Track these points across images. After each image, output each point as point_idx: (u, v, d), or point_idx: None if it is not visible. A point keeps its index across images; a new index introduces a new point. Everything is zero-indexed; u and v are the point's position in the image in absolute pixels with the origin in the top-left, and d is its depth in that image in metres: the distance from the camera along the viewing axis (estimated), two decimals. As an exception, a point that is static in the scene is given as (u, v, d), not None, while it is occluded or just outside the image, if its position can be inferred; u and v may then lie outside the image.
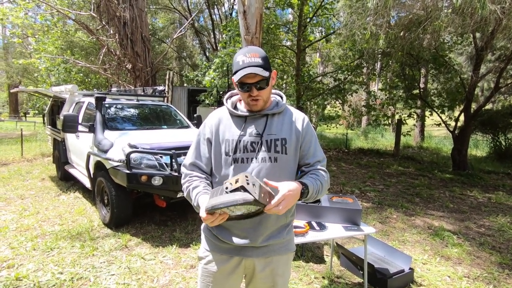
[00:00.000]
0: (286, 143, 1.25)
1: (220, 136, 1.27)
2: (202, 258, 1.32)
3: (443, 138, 14.82)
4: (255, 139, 1.24)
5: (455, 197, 5.49)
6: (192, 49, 22.35)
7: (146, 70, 9.45)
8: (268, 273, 1.29)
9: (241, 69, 1.18)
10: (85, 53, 14.07)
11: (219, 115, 1.32)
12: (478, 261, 3.08)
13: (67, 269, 2.71)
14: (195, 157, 1.31)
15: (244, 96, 1.24)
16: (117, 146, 3.57)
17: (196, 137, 1.34)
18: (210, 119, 1.32)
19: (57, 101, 6.30)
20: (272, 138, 1.25)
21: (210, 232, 1.31)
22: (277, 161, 1.24)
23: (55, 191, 5.12)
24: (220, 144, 1.26)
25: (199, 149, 1.31)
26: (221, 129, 1.28)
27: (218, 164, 1.27)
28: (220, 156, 1.26)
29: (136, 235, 3.48)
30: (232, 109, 1.30)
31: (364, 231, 2.14)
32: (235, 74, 1.19)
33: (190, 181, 1.27)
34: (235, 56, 1.22)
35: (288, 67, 11.72)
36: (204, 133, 1.31)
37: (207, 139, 1.29)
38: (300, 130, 1.29)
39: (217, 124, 1.29)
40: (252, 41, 5.81)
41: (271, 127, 1.27)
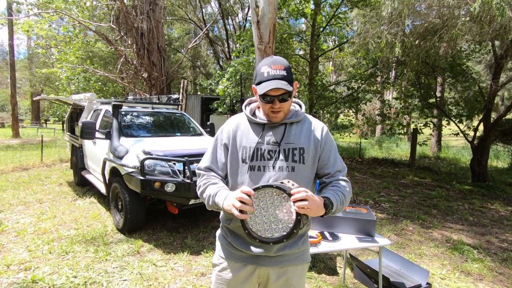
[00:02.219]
0: (304, 153, 1.24)
1: (237, 142, 1.26)
2: (216, 265, 1.31)
3: (461, 148, 14.37)
4: (272, 147, 1.23)
5: (475, 210, 5.28)
6: (206, 58, 22.79)
7: (162, 79, 9.68)
8: (282, 283, 1.26)
9: (266, 81, 1.17)
10: (104, 62, 14.59)
11: (237, 121, 1.31)
12: (501, 277, 2.93)
13: (81, 273, 2.75)
14: (211, 161, 1.31)
15: (266, 108, 1.23)
16: (132, 153, 3.65)
17: (213, 142, 1.33)
18: (228, 125, 1.31)
19: (76, 108, 6.52)
20: (290, 147, 1.24)
21: (225, 240, 1.30)
22: (294, 171, 1.22)
23: (71, 196, 5.25)
24: (238, 151, 1.25)
25: (215, 153, 1.31)
26: (238, 135, 1.27)
27: (234, 171, 1.26)
28: (237, 163, 1.25)
29: (148, 241, 3.51)
30: (251, 115, 1.29)
31: (379, 242, 2.08)
32: (259, 85, 1.19)
33: (208, 178, 1.27)
34: (259, 65, 1.21)
35: (301, 76, 11.74)
36: (222, 138, 1.30)
37: (224, 144, 1.28)
38: (319, 139, 1.28)
39: (235, 130, 1.28)
40: (266, 50, 5.87)
41: (289, 136, 1.25)
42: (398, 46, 3.89)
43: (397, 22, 4.31)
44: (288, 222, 1.12)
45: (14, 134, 16.85)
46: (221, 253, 1.31)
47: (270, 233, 1.13)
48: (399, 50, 3.90)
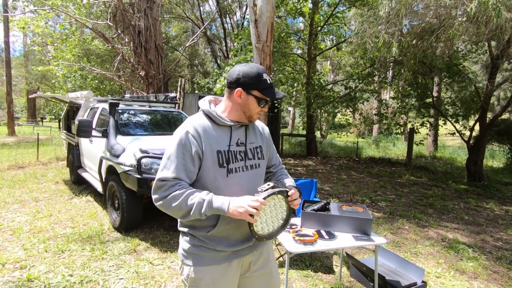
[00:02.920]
0: (262, 150, 1.39)
1: (209, 148, 1.22)
2: (199, 278, 1.25)
3: (457, 148, 14.47)
4: (240, 148, 1.30)
5: (470, 209, 5.32)
6: (204, 57, 22.74)
7: (159, 77, 9.64)
8: (261, 262, 1.37)
9: (270, 88, 1.26)
10: (101, 60, 14.50)
11: (200, 125, 1.24)
12: (495, 276, 2.96)
13: (77, 272, 2.74)
14: (178, 171, 1.18)
15: (256, 110, 1.28)
16: (129, 151, 3.64)
17: (177, 149, 1.19)
18: (193, 130, 1.21)
19: (72, 106, 6.48)
20: (253, 146, 1.35)
21: (204, 248, 1.26)
22: (259, 167, 1.36)
23: (68, 194, 5.22)
24: (211, 156, 1.22)
25: (182, 162, 1.19)
26: (208, 140, 1.22)
27: (210, 176, 1.23)
28: (213, 168, 1.23)
29: (145, 240, 3.50)
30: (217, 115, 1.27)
31: (375, 241, 2.09)
32: (265, 91, 1.24)
33: (182, 187, 1.18)
34: (255, 70, 1.24)
35: (299, 75, 11.75)
36: (190, 145, 1.20)
37: (195, 152, 1.20)
38: (267, 137, 1.45)
39: (202, 135, 1.22)
40: (263, 49, 5.87)
41: (250, 136, 1.35)
42: (395, 46, 3.91)
43: (395, 21, 4.33)
44: (282, 217, 1.30)
45: (10, 132, 16.73)
46: (200, 262, 1.25)
47: (270, 229, 1.27)
48: (396, 50, 3.91)
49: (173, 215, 1.19)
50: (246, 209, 1.11)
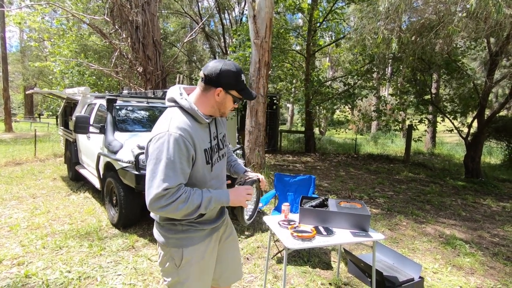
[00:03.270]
0: (225, 136, 1.54)
1: (199, 149, 1.27)
2: (191, 257, 1.34)
3: (455, 144, 14.51)
4: (215, 141, 1.41)
5: (467, 205, 5.35)
6: (202, 53, 22.62)
7: (157, 73, 9.59)
8: (228, 232, 1.59)
9: (246, 89, 1.34)
10: (98, 56, 14.39)
11: (186, 126, 1.24)
12: (491, 271, 2.98)
13: (75, 268, 2.73)
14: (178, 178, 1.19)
15: (230, 106, 1.36)
16: (127, 148, 3.62)
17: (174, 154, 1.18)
18: (184, 133, 1.21)
19: (70, 102, 6.44)
20: (221, 136, 1.48)
21: (192, 231, 1.34)
22: (226, 153, 1.54)
23: (65, 191, 5.21)
24: (201, 156, 1.29)
25: (180, 166, 1.19)
26: (196, 140, 1.25)
27: (200, 173, 1.31)
28: (203, 165, 1.31)
29: (143, 236, 3.50)
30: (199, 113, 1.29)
31: (373, 237, 2.09)
32: (243, 91, 1.33)
33: (185, 189, 1.22)
34: (235, 71, 1.29)
35: (298, 72, 11.71)
36: (187, 150, 1.21)
37: (192, 155, 1.24)
38: (225, 124, 1.57)
39: (192, 136, 1.24)
40: (262, 45, 5.84)
41: (219, 127, 1.47)
42: (395, 42, 3.89)
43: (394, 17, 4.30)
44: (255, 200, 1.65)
45: (7, 128, 16.63)
46: (190, 243, 1.34)
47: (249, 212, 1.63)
48: (396, 46, 3.89)
49: (175, 215, 1.23)
50: (245, 198, 1.36)
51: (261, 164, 6.13)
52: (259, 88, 5.97)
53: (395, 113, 10.54)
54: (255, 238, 3.54)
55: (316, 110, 11.70)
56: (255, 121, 6.03)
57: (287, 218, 2.36)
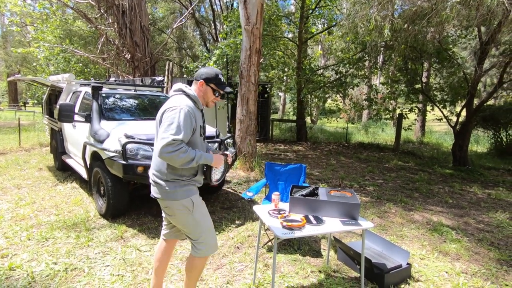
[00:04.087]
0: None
1: (197, 123, 1.81)
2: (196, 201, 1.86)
3: (443, 133, 14.75)
4: (204, 124, 1.94)
5: (454, 193, 5.46)
6: (192, 39, 22.12)
7: (145, 60, 9.33)
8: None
9: (223, 84, 1.91)
10: (84, 42, 13.91)
11: (192, 107, 1.79)
12: (476, 257, 3.06)
13: (61, 260, 2.68)
14: (186, 137, 1.71)
15: (212, 98, 1.92)
16: (114, 137, 3.52)
17: (186, 120, 1.70)
18: (191, 110, 1.76)
19: (54, 90, 6.22)
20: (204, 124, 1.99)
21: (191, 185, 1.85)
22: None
23: (52, 181, 5.08)
24: (198, 128, 1.83)
25: (188, 132, 1.73)
26: (197, 118, 1.81)
27: (196, 140, 1.84)
28: (197, 135, 1.84)
29: (132, 226, 3.45)
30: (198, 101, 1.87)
31: (362, 225, 2.10)
32: (222, 86, 1.90)
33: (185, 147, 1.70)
34: (215, 71, 1.89)
35: (289, 60, 11.57)
36: (191, 121, 1.75)
37: (193, 126, 1.78)
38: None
39: (195, 114, 1.79)
40: (253, 31, 5.70)
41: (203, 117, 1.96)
42: (387, 28, 3.83)
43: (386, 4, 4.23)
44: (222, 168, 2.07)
45: (-10, 117, 16.06)
46: (192, 193, 1.84)
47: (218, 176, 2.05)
48: (388, 33, 3.84)
49: (176, 163, 1.69)
50: (221, 162, 1.90)
51: (252, 153, 6.10)
52: (250, 76, 5.87)
53: (386, 102, 10.57)
54: (246, 227, 3.53)
55: (307, 99, 11.65)
56: (246, 109, 5.96)
57: (277, 208, 2.34)
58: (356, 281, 2.54)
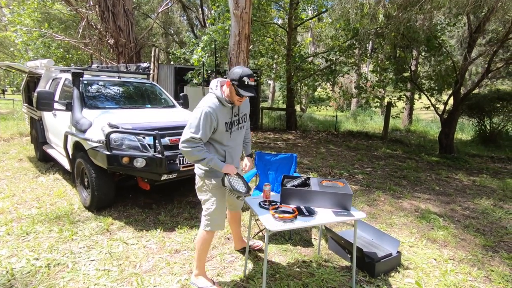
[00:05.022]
0: (247, 115, 2.31)
1: (221, 120, 2.02)
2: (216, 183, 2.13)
3: (430, 121, 15.01)
4: (236, 117, 2.17)
5: (441, 180, 5.56)
6: (179, 25, 21.44)
7: (130, 46, 8.97)
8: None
9: (247, 88, 1.97)
10: (64, 26, 13.24)
11: (215, 106, 2.00)
12: (463, 243, 3.12)
13: (43, 255, 2.57)
14: (205, 136, 1.98)
15: (236, 98, 2.02)
16: (96, 126, 3.36)
17: (204, 120, 1.94)
18: (211, 110, 1.97)
19: (33, 77, 5.90)
20: (242, 114, 2.24)
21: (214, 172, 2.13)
22: (244, 127, 2.29)
23: (33, 173, 4.88)
24: (222, 125, 2.05)
25: (206, 131, 1.97)
26: (220, 116, 2.02)
27: (220, 137, 2.09)
28: (222, 132, 2.07)
29: (119, 219, 3.34)
30: (224, 100, 2.04)
31: (355, 216, 2.07)
32: (242, 90, 1.95)
33: (202, 146, 1.99)
34: (240, 73, 1.94)
35: (279, 47, 11.37)
36: (211, 121, 1.97)
37: (213, 126, 2.00)
38: (248, 106, 2.32)
39: (217, 113, 2.00)
40: (242, 16, 5.51)
41: (241, 108, 2.21)
42: (381, 13, 3.74)
43: (379, -11, 4.13)
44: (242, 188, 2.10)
45: (-34, 105, 15.29)
46: (214, 176, 2.13)
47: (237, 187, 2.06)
48: (382, 18, 3.75)
49: (189, 158, 2.01)
50: (232, 171, 2.07)
51: (242, 142, 6.01)
52: (239, 63, 5.71)
53: (375, 90, 10.59)
54: (236, 218, 3.48)
55: (297, 87, 11.54)
56: (235, 97, 5.82)
57: (268, 199, 2.28)
58: (347, 270, 2.55)
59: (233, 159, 2.20)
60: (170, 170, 3.29)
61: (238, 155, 2.28)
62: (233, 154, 2.19)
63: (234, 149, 2.19)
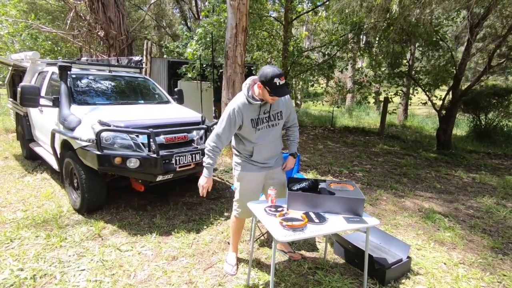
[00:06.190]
0: (282, 113, 2.22)
1: (245, 118, 2.09)
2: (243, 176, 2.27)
3: (425, 117, 15.01)
4: (266, 115, 2.15)
5: (441, 177, 5.48)
6: (172, 17, 20.93)
7: (121, 39, 8.63)
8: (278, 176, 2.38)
9: (278, 89, 1.95)
10: (52, 17, 12.74)
11: (242, 104, 2.08)
12: (471, 245, 3.02)
13: (28, 265, 2.37)
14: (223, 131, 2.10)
15: (269, 98, 2.02)
16: (86, 123, 3.14)
17: (227, 117, 2.07)
18: (236, 108, 2.07)
19: (18, 70, 5.58)
20: (275, 112, 2.18)
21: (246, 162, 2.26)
22: (278, 124, 2.23)
23: (19, 172, 4.62)
24: (247, 122, 2.10)
25: (226, 127, 2.09)
26: (245, 113, 2.08)
27: (247, 132, 2.15)
28: (248, 128, 2.13)
29: (111, 222, 3.15)
30: (251, 99, 2.06)
31: (368, 223, 1.92)
32: (273, 90, 1.94)
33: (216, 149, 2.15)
34: (271, 74, 1.91)
35: (275, 41, 11.12)
36: (235, 118, 2.07)
37: (237, 122, 2.08)
38: (287, 104, 2.25)
39: (241, 110, 2.07)
40: (239, 7, 5.28)
41: (273, 106, 2.16)
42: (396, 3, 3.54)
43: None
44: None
45: (-51, 99, 14.68)
46: (244, 169, 2.25)
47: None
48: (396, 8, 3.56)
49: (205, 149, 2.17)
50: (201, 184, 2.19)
51: (239, 139, 5.83)
52: (236, 56, 5.50)
53: (371, 85, 10.46)
54: (236, 220, 3.32)
55: (293, 82, 11.34)
56: (232, 93, 5.62)
57: (273, 204, 2.12)
58: (355, 276, 2.41)
59: (262, 156, 2.22)
60: (166, 170, 3.10)
61: (271, 152, 2.26)
62: (262, 151, 2.21)
63: (264, 146, 2.20)
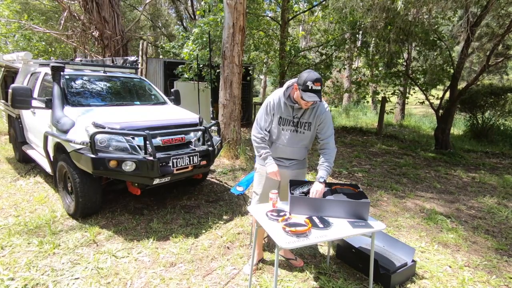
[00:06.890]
0: (311, 125, 2.19)
1: (276, 113, 2.16)
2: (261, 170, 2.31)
3: (422, 116, 15.03)
4: (295, 119, 2.16)
5: (441, 177, 5.45)
6: (168, 17, 20.77)
7: (116, 39, 8.51)
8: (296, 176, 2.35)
9: (310, 92, 1.95)
10: (45, 18, 12.56)
11: (278, 99, 2.15)
12: (475, 247, 2.97)
13: (20, 274, 2.27)
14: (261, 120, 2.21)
15: (303, 103, 2.04)
16: (80, 126, 3.04)
17: (264, 107, 2.19)
18: (272, 101, 2.16)
19: (10, 71, 5.45)
20: (304, 121, 2.17)
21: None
22: (304, 133, 2.20)
23: (11, 175, 4.50)
24: (276, 118, 2.17)
25: (263, 116, 2.20)
26: (277, 110, 2.15)
27: (274, 129, 2.20)
28: (276, 124, 2.17)
29: (107, 227, 3.05)
30: (286, 98, 2.13)
31: (374, 227, 1.86)
32: (305, 93, 1.96)
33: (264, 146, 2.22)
34: (305, 78, 1.94)
35: (272, 40, 11.06)
36: (270, 109, 2.17)
37: (271, 113, 2.17)
38: (321, 118, 2.19)
39: (275, 106, 2.15)
40: (236, 7, 5.20)
41: (305, 115, 2.17)
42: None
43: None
44: None
45: None
46: (261, 162, 2.29)
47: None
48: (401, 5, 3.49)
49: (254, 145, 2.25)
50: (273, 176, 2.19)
51: (237, 140, 5.75)
52: (234, 56, 5.42)
53: (368, 85, 10.43)
54: (235, 223, 3.24)
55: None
56: (229, 93, 5.54)
57: (275, 208, 2.05)
58: (359, 281, 2.34)
59: (277, 154, 2.24)
60: (163, 173, 3.02)
61: (286, 155, 2.25)
62: (279, 153, 2.24)
63: (282, 149, 2.22)
